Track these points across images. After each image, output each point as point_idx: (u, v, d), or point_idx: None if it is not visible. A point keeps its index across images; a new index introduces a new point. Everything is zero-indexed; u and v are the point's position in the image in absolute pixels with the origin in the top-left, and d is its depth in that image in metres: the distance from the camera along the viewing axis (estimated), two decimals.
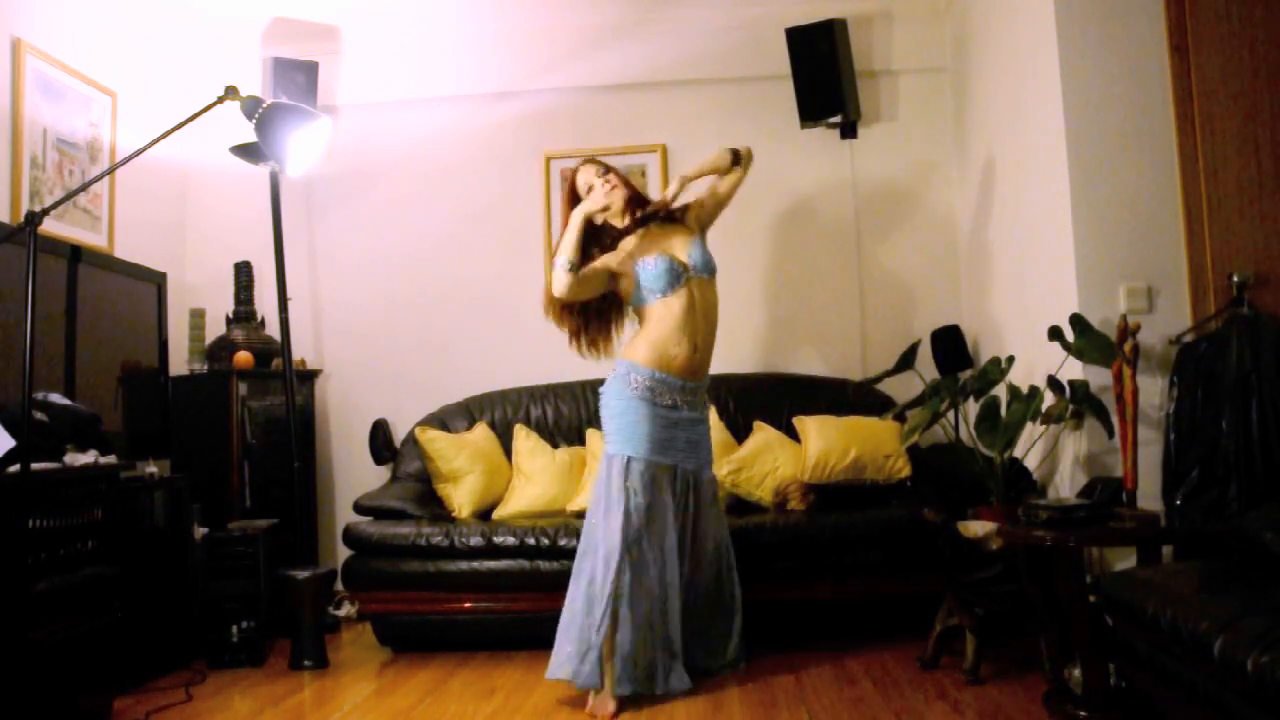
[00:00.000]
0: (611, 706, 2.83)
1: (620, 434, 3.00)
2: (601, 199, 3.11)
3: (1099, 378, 3.05)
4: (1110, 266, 3.15)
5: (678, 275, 3.04)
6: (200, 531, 3.68)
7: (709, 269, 3.14)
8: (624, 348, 3.17)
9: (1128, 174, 3.16)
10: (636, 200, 3.21)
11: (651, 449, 2.96)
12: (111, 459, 3.14)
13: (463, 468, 3.99)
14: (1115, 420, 2.94)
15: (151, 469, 3.56)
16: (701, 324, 3.08)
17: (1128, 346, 2.87)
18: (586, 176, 3.18)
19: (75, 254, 3.50)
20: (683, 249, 3.12)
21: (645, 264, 3.06)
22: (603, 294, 3.18)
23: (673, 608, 2.96)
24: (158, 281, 4.01)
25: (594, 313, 3.23)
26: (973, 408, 3.47)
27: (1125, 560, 2.94)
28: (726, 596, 3.18)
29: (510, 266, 4.61)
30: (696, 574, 3.12)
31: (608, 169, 3.20)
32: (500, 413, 4.34)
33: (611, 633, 2.84)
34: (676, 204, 3.19)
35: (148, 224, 4.30)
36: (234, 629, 3.55)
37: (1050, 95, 3.27)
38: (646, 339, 3.05)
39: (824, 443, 3.84)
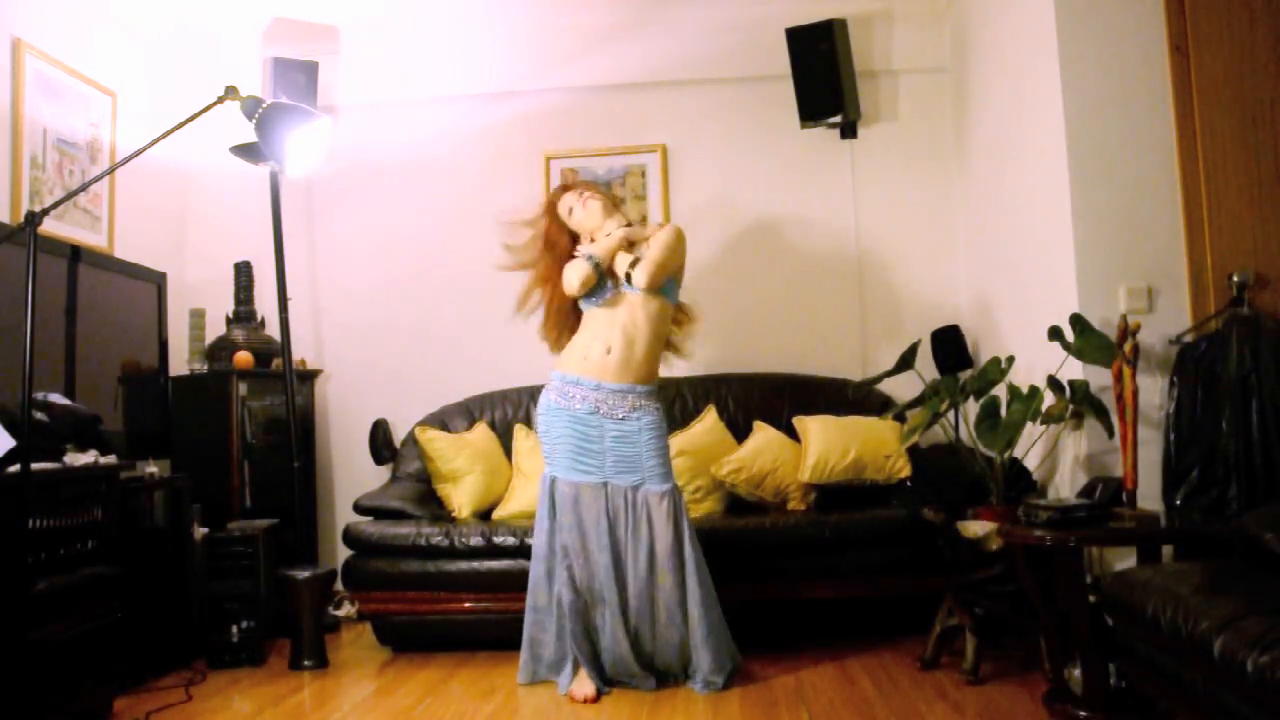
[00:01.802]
0: (589, 688, 2.97)
1: (546, 451, 3.19)
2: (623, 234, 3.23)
3: (1099, 378, 3.05)
4: (1110, 266, 3.15)
5: (606, 287, 3.18)
6: (200, 531, 3.68)
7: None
8: None
9: (1128, 174, 3.15)
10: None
11: (573, 466, 3.10)
12: (111, 459, 3.13)
13: (463, 468, 4.00)
14: (1115, 420, 2.93)
15: (151, 469, 3.56)
16: (624, 333, 3.16)
17: (1128, 346, 2.86)
18: (568, 201, 3.34)
19: (75, 254, 3.51)
20: (627, 263, 3.20)
21: None
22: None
23: (612, 617, 3.02)
24: (158, 281, 4.01)
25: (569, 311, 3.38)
26: (973, 408, 3.47)
27: (1125, 560, 2.94)
28: (688, 615, 3.03)
29: None
30: (648, 589, 3.05)
31: (583, 190, 3.36)
32: (500, 413, 4.34)
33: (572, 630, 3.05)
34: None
35: (148, 224, 4.30)
36: (234, 629, 3.55)
37: (1050, 95, 3.27)
38: (571, 344, 3.27)
39: (824, 443, 3.85)
